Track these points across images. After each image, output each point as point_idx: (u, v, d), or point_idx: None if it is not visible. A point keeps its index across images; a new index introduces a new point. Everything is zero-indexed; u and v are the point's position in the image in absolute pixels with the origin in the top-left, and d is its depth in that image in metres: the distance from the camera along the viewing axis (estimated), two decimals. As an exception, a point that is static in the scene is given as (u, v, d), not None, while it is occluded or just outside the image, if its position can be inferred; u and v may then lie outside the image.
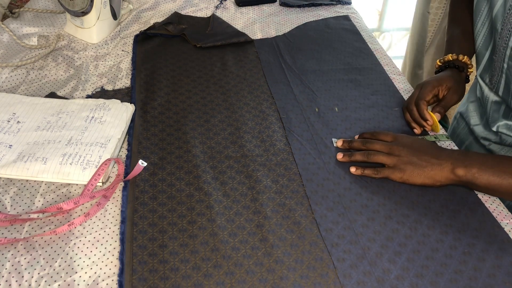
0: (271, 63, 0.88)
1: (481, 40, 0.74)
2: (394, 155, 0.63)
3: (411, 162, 0.62)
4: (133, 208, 0.60)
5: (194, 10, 1.04)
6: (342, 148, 0.69)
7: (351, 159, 0.67)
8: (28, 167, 0.62)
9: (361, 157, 0.66)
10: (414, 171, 0.62)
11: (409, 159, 0.62)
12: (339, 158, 0.67)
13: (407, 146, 0.64)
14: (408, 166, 0.62)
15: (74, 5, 0.86)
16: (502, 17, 0.66)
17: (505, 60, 0.67)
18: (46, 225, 0.58)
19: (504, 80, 0.70)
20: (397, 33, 2.34)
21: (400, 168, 0.62)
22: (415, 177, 0.62)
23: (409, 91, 0.83)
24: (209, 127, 0.73)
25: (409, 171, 0.62)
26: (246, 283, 0.52)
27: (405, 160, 0.62)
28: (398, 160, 0.63)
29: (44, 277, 0.52)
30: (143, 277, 0.52)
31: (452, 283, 0.53)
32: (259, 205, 0.61)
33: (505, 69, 0.68)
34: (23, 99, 0.74)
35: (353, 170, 0.65)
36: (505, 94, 0.71)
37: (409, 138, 0.66)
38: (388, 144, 0.65)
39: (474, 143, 0.83)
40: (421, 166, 0.61)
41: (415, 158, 0.62)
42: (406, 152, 0.63)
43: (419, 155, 0.62)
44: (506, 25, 0.66)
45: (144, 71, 0.85)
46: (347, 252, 0.56)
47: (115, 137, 0.68)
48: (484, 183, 0.57)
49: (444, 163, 0.60)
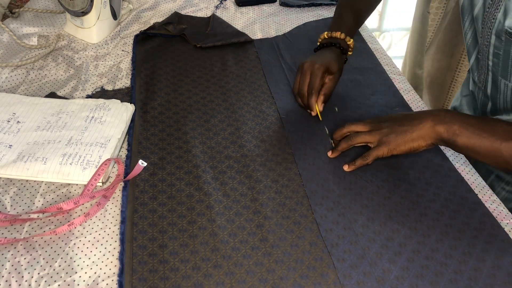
0: (271, 63, 0.88)
1: (469, 39, 0.74)
2: (375, 130, 0.63)
3: (393, 131, 0.61)
4: (133, 208, 0.60)
5: (194, 10, 1.04)
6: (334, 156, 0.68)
7: (338, 150, 0.67)
8: (28, 167, 0.62)
9: (345, 143, 0.65)
10: (397, 139, 0.60)
11: (390, 130, 0.61)
12: (329, 155, 0.68)
13: (387, 120, 0.63)
14: (391, 136, 0.61)
15: (74, 5, 0.86)
16: (482, 16, 0.66)
17: (489, 58, 0.67)
18: (46, 225, 0.58)
19: (491, 78, 0.70)
20: (397, 33, 2.34)
21: (384, 141, 0.61)
22: (401, 145, 0.60)
23: (409, 91, 0.83)
24: (209, 127, 0.73)
25: (393, 141, 0.60)
26: (246, 283, 0.52)
27: (387, 132, 0.61)
28: (380, 134, 0.62)
29: (44, 277, 0.52)
30: (143, 277, 0.52)
31: (452, 283, 0.53)
32: (259, 205, 0.61)
33: (490, 67, 0.68)
34: (23, 99, 0.74)
35: (346, 168, 0.65)
36: (493, 92, 0.71)
37: (389, 114, 0.65)
38: (368, 123, 0.65)
39: None
40: (403, 132, 0.60)
41: (396, 126, 0.61)
42: (386, 124, 0.62)
43: (400, 122, 0.61)
44: (486, 23, 0.65)
45: (144, 71, 0.85)
46: (347, 252, 0.56)
47: (115, 137, 0.68)
48: (465, 142, 0.56)
49: (424, 120, 0.59)
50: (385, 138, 0.61)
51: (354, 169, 0.65)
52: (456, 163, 0.69)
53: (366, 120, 0.66)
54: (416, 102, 0.81)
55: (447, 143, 0.58)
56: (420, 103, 0.80)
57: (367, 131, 0.64)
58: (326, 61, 0.73)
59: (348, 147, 0.66)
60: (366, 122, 0.65)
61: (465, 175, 0.67)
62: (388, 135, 0.61)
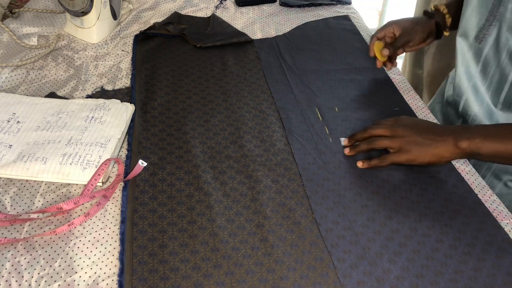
0: (271, 63, 0.88)
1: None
2: (397, 137, 0.63)
3: (416, 142, 0.62)
4: (133, 208, 0.60)
5: (194, 10, 1.04)
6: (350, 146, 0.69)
7: (356, 150, 0.67)
8: (28, 167, 0.62)
9: (366, 145, 0.66)
10: (420, 151, 0.61)
11: (413, 139, 0.62)
12: (346, 153, 0.68)
13: (409, 126, 0.64)
14: (413, 146, 0.62)
15: (74, 5, 0.86)
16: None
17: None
18: (46, 225, 0.57)
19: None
20: (397, 33, 2.33)
21: (405, 149, 0.62)
22: (422, 156, 0.61)
23: (409, 91, 0.83)
24: (209, 127, 0.73)
25: (416, 151, 0.62)
26: (246, 283, 0.52)
27: (410, 140, 0.62)
28: (402, 141, 0.63)
29: (44, 277, 0.52)
30: (143, 277, 0.52)
31: (452, 283, 0.53)
32: (259, 205, 0.61)
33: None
34: (23, 99, 0.74)
35: (360, 164, 0.66)
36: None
37: (410, 119, 0.66)
38: (390, 127, 0.65)
39: None
40: (425, 145, 0.61)
41: (419, 138, 0.62)
42: (409, 133, 0.63)
43: (423, 134, 0.62)
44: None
45: (144, 71, 0.85)
46: (347, 252, 0.56)
47: (115, 137, 0.68)
48: (489, 151, 0.58)
49: (447, 138, 0.60)
50: (407, 146, 0.62)
51: (367, 168, 0.66)
52: (456, 163, 0.69)
53: (387, 121, 0.67)
54: (416, 102, 0.81)
55: (472, 155, 0.60)
56: (420, 103, 0.80)
57: (388, 135, 0.64)
58: (402, 19, 0.80)
59: (367, 150, 0.66)
60: (386, 125, 0.66)
61: (465, 175, 0.67)
62: (410, 144, 0.62)
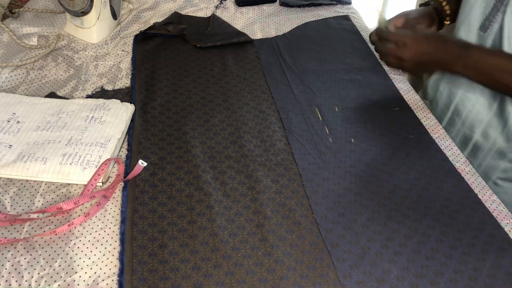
0: (271, 63, 0.88)
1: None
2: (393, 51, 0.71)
3: (404, 42, 0.69)
4: (133, 208, 0.60)
5: (194, 10, 1.04)
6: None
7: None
8: (28, 167, 0.62)
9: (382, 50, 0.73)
10: (412, 43, 0.69)
11: (403, 40, 0.70)
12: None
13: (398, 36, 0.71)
14: (407, 40, 0.69)
15: (74, 5, 0.86)
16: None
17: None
18: (46, 225, 0.57)
19: None
20: (397, 33, 2.33)
21: (401, 48, 0.69)
22: (416, 46, 0.68)
23: (409, 91, 0.83)
24: (209, 127, 0.73)
25: (409, 44, 0.69)
26: (246, 283, 0.52)
27: (403, 42, 0.70)
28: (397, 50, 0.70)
29: (44, 277, 0.52)
30: (143, 277, 0.52)
31: (452, 283, 0.53)
32: (259, 205, 0.61)
33: None
34: (23, 99, 0.74)
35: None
36: None
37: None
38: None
39: None
40: (413, 39, 0.69)
41: (406, 38, 0.70)
42: (400, 40, 0.70)
43: (410, 34, 0.71)
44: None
45: (144, 71, 0.85)
46: (347, 252, 0.56)
47: (115, 137, 0.68)
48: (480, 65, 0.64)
49: (434, 35, 0.71)
50: (401, 46, 0.70)
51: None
52: (456, 163, 0.69)
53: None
54: (416, 102, 0.81)
55: (459, 57, 0.66)
56: (420, 103, 0.80)
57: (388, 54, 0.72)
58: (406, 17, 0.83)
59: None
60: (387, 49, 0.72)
61: (465, 175, 0.67)
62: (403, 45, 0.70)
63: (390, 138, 0.72)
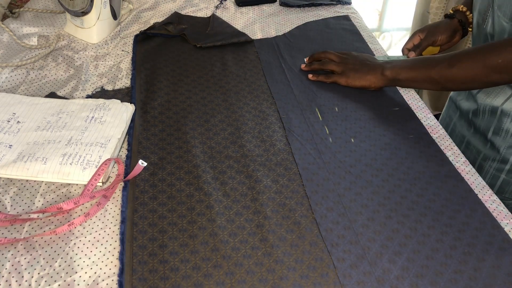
0: (271, 63, 0.88)
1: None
2: (342, 64, 0.82)
3: (354, 69, 0.80)
4: (133, 208, 0.60)
5: (194, 10, 1.04)
6: (309, 69, 0.86)
7: (310, 68, 0.85)
8: (28, 167, 0.62)
9: (318, 65, 0.85)
10: (355, 76, 0.80)
11: (353, 67, 0.81)
12: (303, 67, 0.86)
13: (354, 57, 0.82)
14: (351, 72, 0.80)
15: (74, 5, 0.86)
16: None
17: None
18: (46, 225, 0.58)
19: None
20: (397, 33, 2.34)
21: (346, 74, 0.81)
22: (356, 80, 0.80)
23: (409, 91, 0.83)
24: (209, 127, 0.73)
25: (352, 76, 0.80)
26: (246, 283, 0.52)
27: (350, 68, 0.81)
28: (344, 67, 0.81)
29: (44, 277, 0.52)
30: (143, 277, 0.52)
31: (452, 283, 0.53)
32: (259, 205, 0.61)
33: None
34: (23, 99, 0.74)
35: (310, 76, 0.84)
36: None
37: (356, 54, 0.84)
38: (340, 56, 0.83)
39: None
40: (360, 72, 0.80)
41: (357, 66, 0.81)
42: (351, 62, 0.82)
43: (360, 64, 0.81)
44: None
45: (144, 71, 0.85)
46: (347, 252, 0.56)
47: (115, 137, 0.68)
48: (406, 76, 0.75)
49: (377, 67, 0.79)
50: (347, 72, 0.81)
51: (315, 80, 0.83)
52: (456, 163, 0.69)
53: (340, 52, 0.85)
54: (416, 102, 0.81)
55: (394, 81, 0.77)
56: (420, 103, 0.80)
57: (337, 61, 0.83)
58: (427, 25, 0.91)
59: (318, 69, 0.85)
60: (338, 54, 0.83)
61: (465, 175, 0.67)
62: (349, 70, 0.81)
63: (390, 138, 0.72)
